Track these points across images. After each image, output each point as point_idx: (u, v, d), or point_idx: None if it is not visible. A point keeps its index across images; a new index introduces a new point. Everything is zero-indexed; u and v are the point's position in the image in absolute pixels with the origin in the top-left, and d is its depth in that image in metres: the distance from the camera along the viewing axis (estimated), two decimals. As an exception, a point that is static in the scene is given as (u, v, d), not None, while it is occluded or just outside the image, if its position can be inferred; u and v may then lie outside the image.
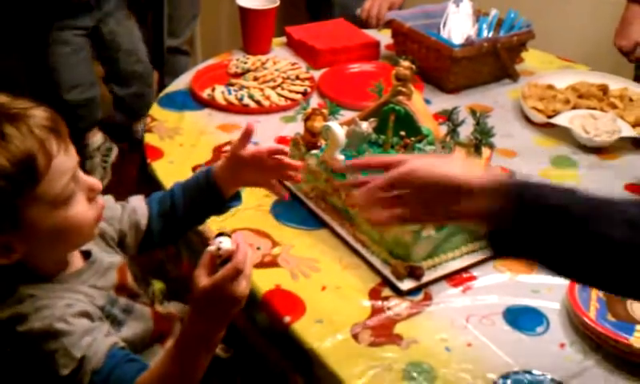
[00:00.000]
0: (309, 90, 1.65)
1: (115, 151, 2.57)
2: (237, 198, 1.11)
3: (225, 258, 0.84)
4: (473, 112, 1.17)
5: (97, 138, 2.49)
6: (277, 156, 1.06)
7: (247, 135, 1.05)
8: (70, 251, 0.94)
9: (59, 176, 0.85)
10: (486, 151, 1.15)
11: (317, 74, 1.74)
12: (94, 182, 0.91)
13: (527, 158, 1.45)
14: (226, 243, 0.84)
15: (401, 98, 1.25)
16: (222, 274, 0.83)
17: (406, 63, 1.24)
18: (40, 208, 0.85)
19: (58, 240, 0.89)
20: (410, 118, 1.23)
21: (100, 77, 2.53)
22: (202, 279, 0.83)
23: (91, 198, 0.91)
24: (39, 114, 0.85)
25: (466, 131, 1.24)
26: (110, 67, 2.49)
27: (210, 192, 1.07)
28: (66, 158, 0.86)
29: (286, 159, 1.06)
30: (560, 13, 2.45)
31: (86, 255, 0.96)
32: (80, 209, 0.89)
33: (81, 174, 0.90)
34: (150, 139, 1.45)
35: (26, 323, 0.85)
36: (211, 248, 0.85)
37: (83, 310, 0.89)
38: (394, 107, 1.23)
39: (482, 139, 1.13)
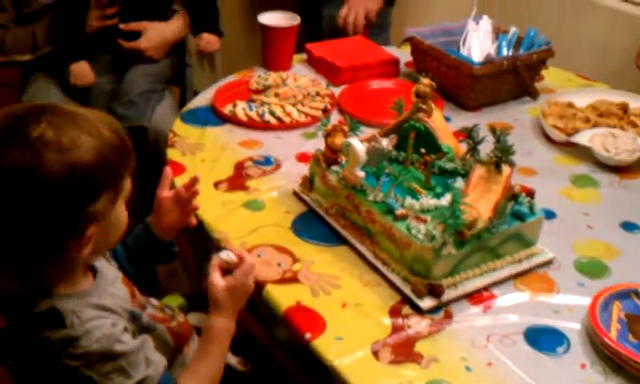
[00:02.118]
0: (329, 106, 1.66)
1: None
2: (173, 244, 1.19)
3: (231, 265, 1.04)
4: (493, 130, 1.18)
5: None
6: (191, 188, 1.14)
7: (166, 179, 1.15)
8: (104, 253, 0.99)
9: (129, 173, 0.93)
10: (506, 169, 1.15)
11: (337, 91, 1.75)
12: (130, 188, 0.97)
13: (547, 177, 1.45)
14: (230, 254, 1.04)
15: (421, 115, 1.26)
16: (243, 271, 1.03)
17: (426, 80, 1.25)
18: (121, 198, 0.91)
19: (110, 237, 0.94)
20: (430, 135, 1.24)
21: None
22: (221, 279, 1.02)
23: (126, 202, 0.96)
24: None
25: (486, 149, 1.24)
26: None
27: (150, 242, 1.14)
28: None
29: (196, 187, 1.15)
30: (579, 30, 2.45)
31: (91, 270, 0.98)
32: (124, 209, 0.95)
33: None
34: (172, 155, 1.47)
35: (80, 346, 0.87)
36: (222, 256, 1.04)
37: (124, 326, 0.92)
38: (414, 124, 1.24)
39: (502, 157, 1.13)
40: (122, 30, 2.04)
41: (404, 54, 1.92)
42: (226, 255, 1.04)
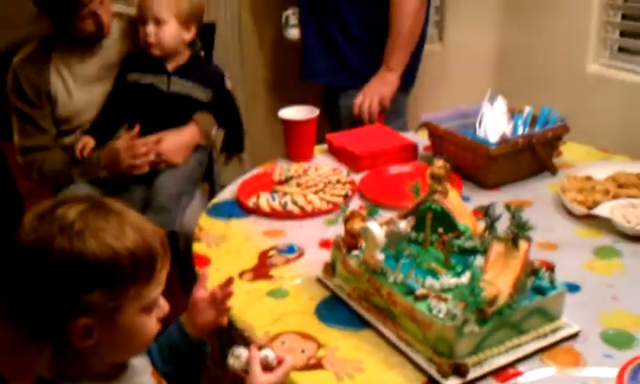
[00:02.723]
0: (350, 193, 1.70)
1: None
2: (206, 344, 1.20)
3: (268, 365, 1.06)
4: (507, 207, 1.20)
5: None
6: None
7: (203, 280, 1.18)
8: (125, 358, 0.99)
9: (158, 285, 0.94)
10: (523, 244, 1.16)
11: (357, 178, 1.79)
12: (167, 306, 0.99)
13: (569, 251, 1.45)
14: (271, 354, 1.06)
15: (437, 196, 1.28)
16: (284, 371, 1.06)
17: (440, 162, 1.28)
18: (134, 306, 0.92)
19: (125, 342, 0.94)
20: (447, 215, 1.26)
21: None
22: (263, 375, 1.04)
23: (159, 318, 0.98)
24: None
25: (504, 226, 1.26)
26: None
27: (183, 340, 1.15)
28: (165, 273, 0.95)
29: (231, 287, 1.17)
30: (596, 106, 2.48)
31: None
32: (153, 322, 0.96)
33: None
34: (197, 248, 1.51)
35: None
36: (262, 354, 1.05)
37: None
38: (431, 206, 1.27)
39: (518, 233, 1.15)
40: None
41: (422, 139, 1.97)
42: (266, 354, 1.06)
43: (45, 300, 0.87)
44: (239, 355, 1.07)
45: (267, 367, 1.05)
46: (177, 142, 2.08)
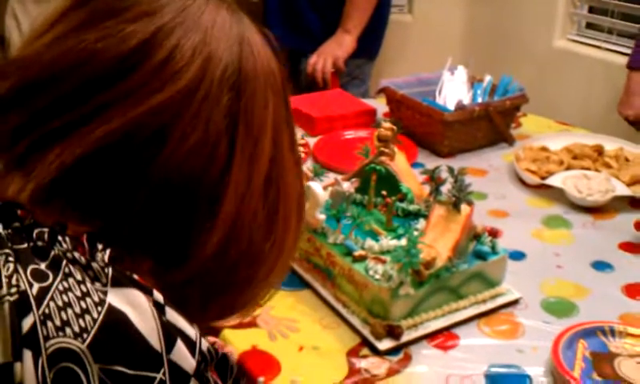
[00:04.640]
0: (303, 155, 1.67)
1: None
2: None
3: None
4: (450, 170, 1.17)
5: None
6: None
7: None
8: None
9: None
10: (465, 208, 1.14)
11: (313, 141, 1.76)
12: None
13: (519, 219, 1.44)
14: None
15: (383, 158, 1.25)
16: None
17: (387, 124, 1.26)
18: None
19: None
20: (392, 177, 1.24)
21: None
22: None
23: None
24: None
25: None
26: None
27: None
28: None
29: None
30: (560, 80, 2.47)
31: None
32: None
33: None
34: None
35: None
36: None
37: None
38: (375, 167, 1.24)
39: (459, 196, 1.12)
40: None
41: (381, 105, 1.94)
42: None
43: None
44: None
45: None
46: None
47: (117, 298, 0.53)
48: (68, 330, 0.50)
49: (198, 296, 0.61)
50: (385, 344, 1.05)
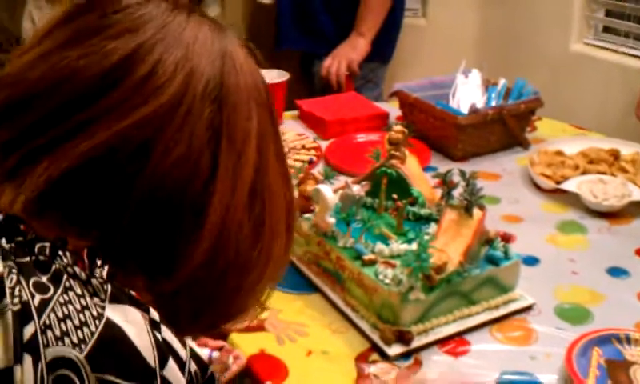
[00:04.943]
0: (314, 158, 1.66)
1: None
2: None
3: None
4: (462, 173, 1.15)
5: None
6: None
7: None
8: None
9: None
10: (477, 213, 1.12)
11: (325, 145, 1.75)
12: None
13: (533, 224, 1.41)
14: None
15: (394, 161, 1.24)
16: None
17: (398, 127, 1.24)
18: None
19: None
20: (403, 180, 1.22)
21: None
22: None
23: None
24: None
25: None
26: None
27: None
28: None
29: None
30: (577, 84, 2.44)
31: None
32: None
33: None
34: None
35: None
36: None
37: None
38: (386, 170, 1.22)
39: (471, 200, 1.10)
40: None
41: (394, 109, 1.92)
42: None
43: None
44: None
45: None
46: None
47: (115, 314, 0.55)
48: (67, 340, 0.52)
49: (189, 306, 0.62)
50: (394, 349, 1.04)
